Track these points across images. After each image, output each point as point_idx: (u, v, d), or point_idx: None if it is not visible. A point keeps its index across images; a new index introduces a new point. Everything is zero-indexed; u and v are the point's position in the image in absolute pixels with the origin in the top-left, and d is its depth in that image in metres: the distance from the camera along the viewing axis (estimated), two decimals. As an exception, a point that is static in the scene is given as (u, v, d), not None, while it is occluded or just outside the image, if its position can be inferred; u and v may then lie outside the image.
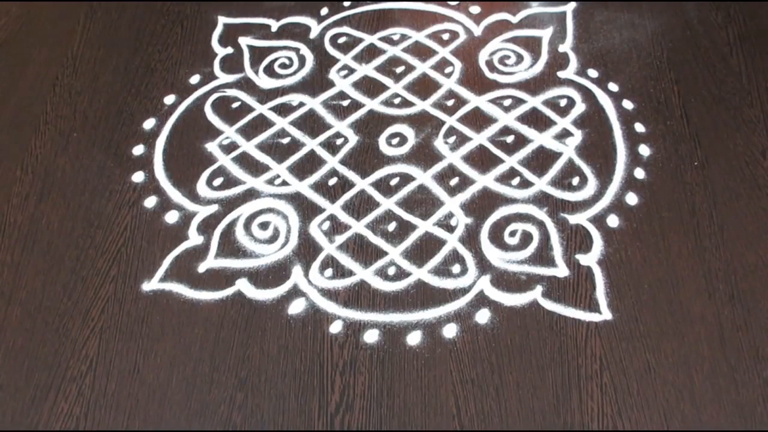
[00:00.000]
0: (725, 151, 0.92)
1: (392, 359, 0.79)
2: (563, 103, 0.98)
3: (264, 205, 0.92)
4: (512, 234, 0.87)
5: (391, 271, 0.85)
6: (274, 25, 1.11)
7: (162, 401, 0.77)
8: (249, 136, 0.99)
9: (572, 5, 1.09)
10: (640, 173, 0.91)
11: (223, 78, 1.05)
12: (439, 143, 0.96)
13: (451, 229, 0.88)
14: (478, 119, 0.98)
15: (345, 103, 1.01)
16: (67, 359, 0.81)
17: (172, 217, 0.91)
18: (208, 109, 1.02)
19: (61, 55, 1.10)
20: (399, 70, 1.04)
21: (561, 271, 0.84)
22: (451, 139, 0.96)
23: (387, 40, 1.08)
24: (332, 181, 0.93)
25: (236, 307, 0.84)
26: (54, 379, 0.79)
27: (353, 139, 0.97)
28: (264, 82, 1.05)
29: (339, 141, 0.97)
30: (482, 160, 0.94)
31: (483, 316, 0.81)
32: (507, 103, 0.99)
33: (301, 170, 0.95)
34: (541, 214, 0.88)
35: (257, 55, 1.08)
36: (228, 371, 0.79)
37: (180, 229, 0.90)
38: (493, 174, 0.93)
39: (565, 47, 1.05)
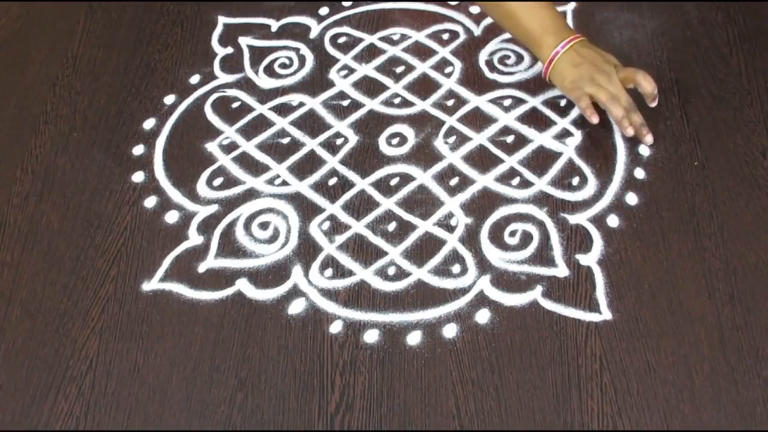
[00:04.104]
0: (725, 151, 0.92)
1: (392, 359, 0.79)
2: (563, 102, 0.98)
3: (264, 205, 0.92)
4: (512, 234, 0.87)
5: (391, 271, 0.85)
6: (274, 25, 1.11)
7: (162, 401, 0.77)
8: (249, 136, 0.99)
9: (572, 5, 1.09)
10: (640, 173, 0.91)
11: (223, 78, 1.06)
12: (439, 143, 0.96)
13: (451, 229, 0.88)
14: (478, 119, 0.98)
15: (345, 103, 1.01)
16: (67, 359, 0.81)
17: (172, 217, 0.91)
18: (208, 109, 1.02)
19: (61, 55, 1.10)
20: (399, 70, 1.04)
21: (561, 271, 0.84)
22: (451, 139, 0.96)
23: (387, 40, 1.08)
24: (332, 181, 0.94)
25: (236, 307, 0.84)
26: (54, 379, 0.79)
27: (353, 139, 0.97)
28: (264, 82, 1.05)
29: (339, 141, 0.97)
30: (482, 160, 0.94)
31: (483, 316, 0.81)
32: (507, 103, 0.99)
33: (301, 170, 0.95)
34: (541, 214, 0.88)
35: (257, 55, 1.08)
36: (228, 371, 0.79)
37: (180, 229, 0.90)
38: (493, 174, 0.93)
39: (565, 47, 1.04)
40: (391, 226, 0.89)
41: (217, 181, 0.94)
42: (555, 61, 0.91)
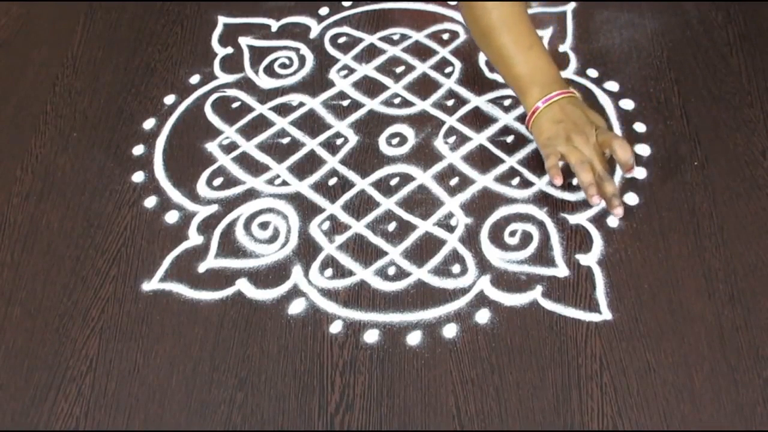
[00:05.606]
0: (725, 151, 0.92)
1: (392, 359, 0.79)
2: (563, 103, 0.98)
3: (264, 205, 0.92)
4: (512, 234, 0.87)
5: (391, 271, 0.85)
6: (274, 25, 1.11)
7: (162, 401, 0.77)
8: (249, 136, 0.99)
9: (572, 5, 1.09)
10: (640, 173, 0.91)
11: (223, 78, 1.06)
12: (439, 143, 0.96)
13: (451, 229, 0.88)
14: (478, 119, 0.98)
15: (345, 103, 1.01)
16: (67, 359, 0.81)
17: (172, 217, 0.91)
18: (208, 109, 1.02)
19: (61, 55, 1.10)
20: (399, 70, 1.04)
21: (561, 271, 0.84)
22: (451, 139, 0.96)
23: (387, 40, 1.08)
24: (332, 181, 0.94)
25: (236, 307, 0.84)
26: (54, 379, 0.79)
27: (353, 139, 0.97)
28: (264, 82, 1.05)
29: (339, 141, 0.97)
30: (482, 160, 0.94)
31: (483, 316, 0.81)
32: (507, 103, 0.99)
33: (301, 170, 0.95)
34: (541, 214, 0.88)
35: (257, 55, 1.08)
36: (228, 371, 0.79)
37: (180, 229, 0.90)
38: (493, 174, 0.93)
39: (565, 47, 1.05)
40: (391, 226, 0.89)
41: (217, 181, 0.94)
42: (537, 113, 0.87)
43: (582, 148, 0.84)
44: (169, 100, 1.03)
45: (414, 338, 0.80)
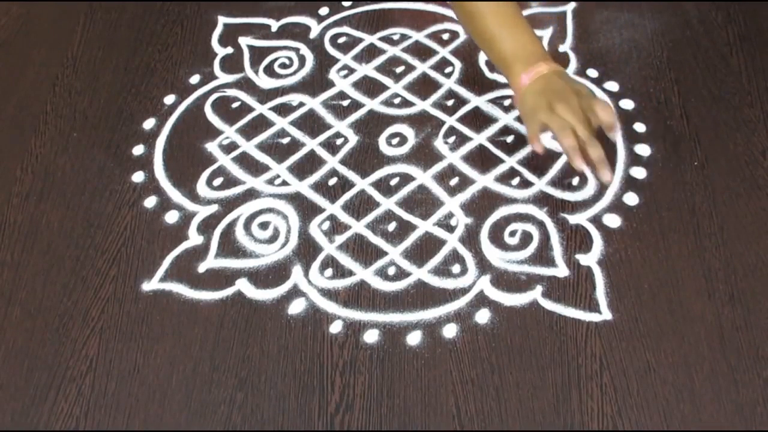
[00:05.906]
0: (725, 151, 0.92)
1: (392, 359, 0.79)
2: (563, 103, 0.98)
3: (264, 205, 0.92)
4: (512, 234, 0.87)
5: (391, 271, 0.85)
6: (274, 25, 1.12)
7: (162, 401, 0.77)
8: (249, 136, 0.99)
9: (572, 5, 1.09)
10: (640, 173, 0.91)
11: (223, 78, 1.06)
12: (439, 143, 0.96)
13: (451, 229, 0.88)
14: (478, 119, 0.98)
15: (345, 103, 1.01)
16: (67, 359, 0.81)
17: (172, 217, 0.91)
18: (208, 109, 1.02)
19: (61, 55, 1.10)
20: (399, 70, 1.04)
21: (561, 271, 0.84)
22: (451, 139, 0.96)
23: (387, 40, 1.08)
24: (332, 181, 0.94)
25: (236, 307, 0.84)
26: (54, 379, 0.79)
27: (353, 139, 0.97)
28: (264, 82, 1.05)
29: (339, 141, 0.97)
30: (482, 160, 0.94)
31: (483, 316, 0.81)
32: (507, 103, 0.99)
33: (301, 170, 0.95)
34: (541, 214, 0.88)
35: (257, 55, 1.08)
36: (228, 371, 0.79)
37: (180, 229, 0.90)
38: (493, 174, 0.93)
39: (565, 47, 1.05)
40: (391, 226, 0.89)
41: (217, 181, 0.94)
42: (523, 90, 0.85)
43: (564, 115, 0.81)
44: (169, 100, 1.03)
45: (414, 338, 0.80)
